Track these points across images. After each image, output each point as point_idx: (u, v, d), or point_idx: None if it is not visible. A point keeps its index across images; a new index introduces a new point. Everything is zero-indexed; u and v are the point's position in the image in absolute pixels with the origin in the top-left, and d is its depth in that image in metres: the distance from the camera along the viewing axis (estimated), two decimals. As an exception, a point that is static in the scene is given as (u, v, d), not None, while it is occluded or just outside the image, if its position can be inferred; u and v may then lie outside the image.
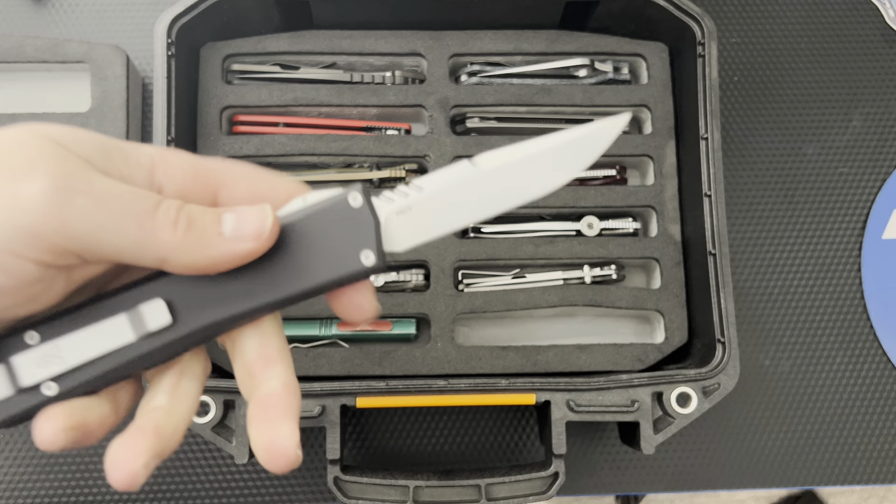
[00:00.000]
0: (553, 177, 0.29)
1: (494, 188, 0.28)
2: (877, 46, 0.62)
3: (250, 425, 0.27)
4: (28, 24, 0.59)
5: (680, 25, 0.52)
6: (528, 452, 0.56)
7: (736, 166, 0.60)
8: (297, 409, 0.27)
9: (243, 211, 0.26)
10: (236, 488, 0.54)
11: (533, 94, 0.55)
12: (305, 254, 0.27)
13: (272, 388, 0.27)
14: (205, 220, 0.25)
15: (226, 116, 0.54)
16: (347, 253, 0.27)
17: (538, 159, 0.28)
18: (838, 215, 0.60)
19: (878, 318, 0.58)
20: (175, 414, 0.27)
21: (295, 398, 0.27)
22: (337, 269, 0.27)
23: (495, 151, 0.28)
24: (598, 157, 0.29)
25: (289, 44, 0.54)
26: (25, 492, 0.53)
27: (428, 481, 0.46)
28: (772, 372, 0.58)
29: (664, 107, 0.55)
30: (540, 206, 0.54)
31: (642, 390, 0.47)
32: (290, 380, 0.28)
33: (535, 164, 0.28)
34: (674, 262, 0.54)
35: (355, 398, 0.46)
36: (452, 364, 0.51)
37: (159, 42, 0.49)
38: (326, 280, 0.27)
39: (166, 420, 0.26)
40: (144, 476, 0.25)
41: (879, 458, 0.57)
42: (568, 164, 0.29)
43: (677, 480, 0.56)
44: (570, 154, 0.29)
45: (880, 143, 0.61)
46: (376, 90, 0.54)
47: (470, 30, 0.55)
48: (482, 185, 0.28)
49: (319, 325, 0.52)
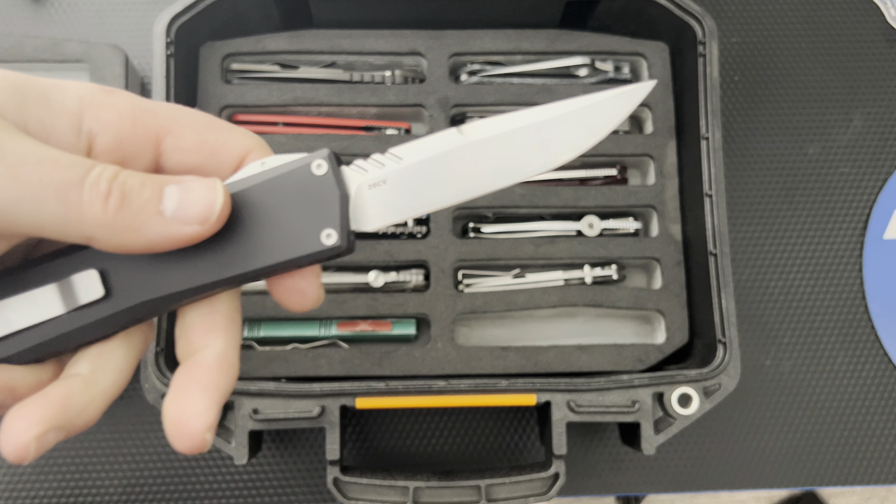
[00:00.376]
0: (555, 151, 0.24)
1: (485, 161, 0.24)
2: (878, 46, 0.62)
3: (168, 392, 0.24)
4: (27, 23, 0.59)
5: (680, 25, 0.52)
6: (528, 453, 0.56)
7: (737, 166, 0.60)
8: (225, 388, 0.24)
9: (189, 186, 0.22)
10: (235, 489, 0.54)
11: (533, 94, 0.54)
12: (259, 228, 0.24)
13: (204, 358, 0.24)
14: (142, 195, 0.22)
15: (225, 116, 0.54)
16: (307, 230, 0.24)
17: (539, 129, 0.24)
18: (839, 215, 0.60)
19: (879, 319, 0.58)
20: (94, 385, 0.23)
21: (225, 376, 0.24)
22: (293, 248, 0.24)
23: (488, 120, 0.25)
24: (612, 129, 0.25)
25: (288, 43, 0.54)
26: (24, 492, 0.53)
27: (428, 482, 0.46)
28: (773, 372, 0.57)
29: (665, 106, 0.55)
30: (540, 206, 0.53)
31: (643, 391, 0.47)
32: (228, 354, 0.24)
33: (534, 135, 0.24)
34: (674, 262, 0.53)
35: (355, 399, 0.46)
36: (452, 364, 0.51)
37: (158, 41, 0.48)
38: (280, 260, 0.24)
39: (82, 391, 0.23)
40: (37, 450, 0.21)
41: (881, 458, 0.57)
42: (574, 137, 0.24)
43: (678, 481, 0.56)
44: (577, 124, 0.24)
45: (881, 143, 0.61)
46: (376, 90, 0.54)
47: (470, 29, 0.55)
48: (471, 157, 0.24)
49: (319, 326, 0.52)
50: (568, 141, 0.24)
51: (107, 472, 0.54)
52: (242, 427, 0.45)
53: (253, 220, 0.24)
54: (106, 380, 0.24)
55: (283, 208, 0.24)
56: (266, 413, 0.45)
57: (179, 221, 0.22)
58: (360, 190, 0.24)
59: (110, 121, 0.23)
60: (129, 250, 0.22)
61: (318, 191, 0.24)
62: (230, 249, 0.23)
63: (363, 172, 0.25)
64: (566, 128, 0.24)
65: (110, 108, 0.23)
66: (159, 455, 0.54)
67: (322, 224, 0.24)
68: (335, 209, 0.24)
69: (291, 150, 0.53)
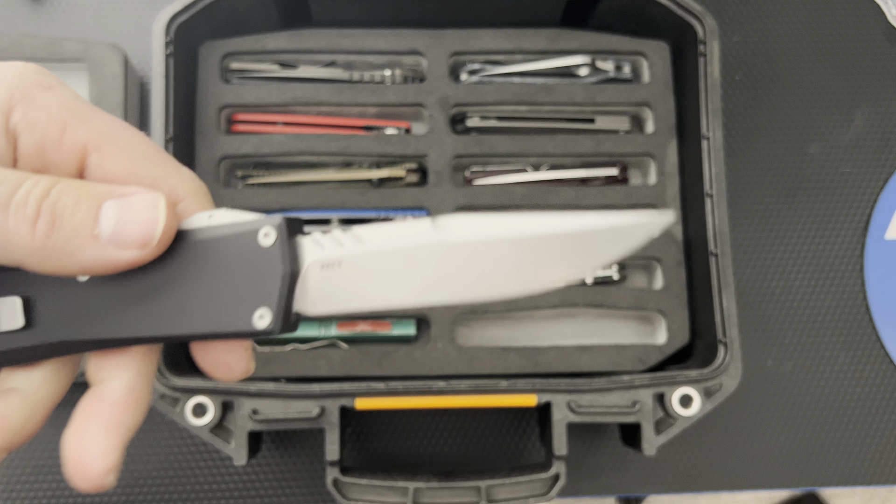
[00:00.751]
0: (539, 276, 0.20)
1: (455, 268, 0.20)
2: (879, 45, 0.62)
3: (69, 424, 0.21)
4: (25, 22, 0.59)
5: (681, 24, 0.52)
6: (528, 454, 0.56)
7: (738, 166, 0.60)
8: (131, 426, 0.22)
9: (129, 203, 0.20)
10: (235, 490, 0.54)
11: (534, 93, 0.54)
12: (192, 289, 0.21)
13: (111, 392, 0.22)
14: (75, 217, 0.19)
15: (224, 115, 0.54)
16: (240, 304, 0.21)
17: (527, 246, 0.20)
18: (841, 215, 0.59)
19: (880, 319, 0.58)
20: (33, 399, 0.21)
21: (132, 413, 0.22)
22: (222, 321, 0.21)
23: (471, 219, 0.21)
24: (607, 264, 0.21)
25: (288, 42, 0.54)
26: (24, 492, 0.53)
27: (428, 483, 0.46)
28: (774, 372, 0.57)
29: (666, 106, 0.55)
30: (541, 205, 0.53)
31: (644, 391, 0.47)
32: (138, 388, 0.22)
33: (519, 253, 0.20)
34: (675, 263, 0.53)
35: (354, 399, 0.46)
36: (452, 365, 0.51)
37: (157, 41, 0.48)
38: (205, 331, 0.21)
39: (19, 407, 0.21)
40: None
41: (882, 459, 0.57)
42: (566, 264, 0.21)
43: (679, 482, 0.56)
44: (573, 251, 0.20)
45: (883, 143, 0.60)
46: (376, 89, 0.54)
47: (470, 28, 0.55)
48: (440, 259, 0.20)
49: (318, 326, 0.52)
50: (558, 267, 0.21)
51: (106, 473, 0.54)
52: (242, 428, 0.45)
53: (187, 278, 0.21)
54: (45, 390, 0.22)
55: (220, 273, 0.21)
56: (265, 414, 0.45)
57: (116, 245, 0.20)
58: (311, 268, 0.21)
59: (38, 122, 0.21)
60: (63, 275, 0.20)
61: (261, 262, 0.21)
62: (158, 304, 0.21)
63: (319, 248, 0.21)
64: (559, 252, 0.20)
65: (41, 109, 0.21)
66: (158, 455, 0.54)
67: (258, 301, 0.21)
68: (275, 288, 0.21)
69: (291, 150, 0.53)
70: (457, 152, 0.53)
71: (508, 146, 0.54)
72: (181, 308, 0.21)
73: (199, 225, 0.21)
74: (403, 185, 0.54)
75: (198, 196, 0.22)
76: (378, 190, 0.53)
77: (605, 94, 0.54)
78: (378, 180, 0.53)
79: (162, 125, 0.48)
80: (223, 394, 0.45)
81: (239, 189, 0.53)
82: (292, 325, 0.21)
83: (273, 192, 0.52)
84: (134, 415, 0.22)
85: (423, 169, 0.54)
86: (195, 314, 0.21)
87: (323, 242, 0.21)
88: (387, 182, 0.53)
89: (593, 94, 0.54)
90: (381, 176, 0.53)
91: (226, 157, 0.53)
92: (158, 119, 0.48)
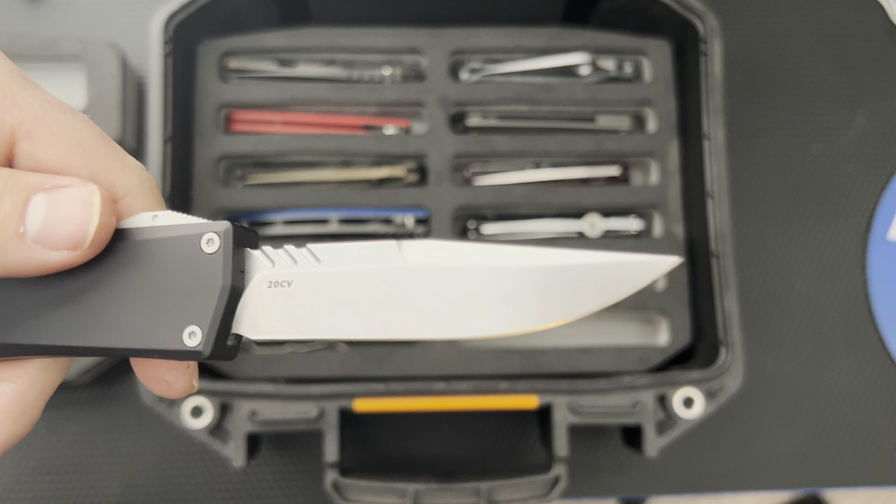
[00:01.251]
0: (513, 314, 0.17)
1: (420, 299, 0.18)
2: (881, 44, 0.61)
3: None
4: (23, 21, 0.58)
5: (683, 22, 0.51)
6: (529, 455, 0.55)
7: (740, 165, 0.59)
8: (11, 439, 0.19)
9: (60, 198, 0.18)
10: (233, 492, 0.54)
11: (535, 92, 0.54)
12: (127, 297, 0.19)
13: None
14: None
15: (223, 114, 0.53)
16: (173, 320, 0.18)
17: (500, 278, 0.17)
18: (843, 215, 0.59)
19: (883, 319, 0.58)
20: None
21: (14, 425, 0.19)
22: (152, 337, 0.19)
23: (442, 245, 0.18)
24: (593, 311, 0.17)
25: (286, 40, 0.54)
26: (23, 493, 0.53)
27: (428, 484, 0.45)
28: (776, 373, 0.57)
29: (667, 105, 0.54)
30: (542, 205, 0.53)
31: (645, 392, 0.47)
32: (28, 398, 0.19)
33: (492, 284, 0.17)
34: (677, 263, 0.53)
35: (354, 401, 0.46)
36: (453, 366, 0.50)
37: (155, 39, 0.48)
38: (135, 347, 0.19)
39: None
40: None
41: (885, 460, 0.56)
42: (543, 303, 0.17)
43: (681, 483, 0.55)
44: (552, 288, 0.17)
45: (885, 142, 0.60)
46: (375, 88, 0.54)
47: (470, 26, 0.54)
48: (403, 287, 0.18)
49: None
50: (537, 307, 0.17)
51: (104, 474, 0.53)
52: (240, 429, 0.45)
53: (119, 285, 0.19)
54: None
55: (156, 282, 0.19)
56: (264, 415, 0.45)
57: (44, 245, 0.17)
58: (257, 284, 0.19)
59: None
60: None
61: (201, 272, 0.18)
62: (83, 312, 0.19)
63: (268, 263, 0.19)
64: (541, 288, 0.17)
65: None
66: (156, 457, 0.54)
67: (190, 317, 0.18)
68: (211, 303, 0.18)
69: (290, 150, 0.52)
70: (457, 152, 0.53)
71: (509, 145, 0.53)
72: (107, 318, 0.19)
73: (140, 225, 0.19)
74: (403, 184, 0.53)
75: (142, 192, 0.20)
76: (377, 190, 0.53)
77: (607, 93, 0.54)
78: (377, 180, 0.53)
79: (160, 124, 0.47)
80: (221, 395, 0.45)
81: (238, 189, 0.53)
82: (229, 350, 0.19)
83: (272, 191, 0.52)
84: (16, 428, 0.19)
85: (422, 168, 0.54)
86: (121, 326, 0.19)
87: (274, 257, 0.19)
88: (386, 182, 0.53)
89: (594, 93, 0.54)
90: (380, 175, 0.53)
91: (225, 156, 0.52)
92: (156, 118, 0.47)
